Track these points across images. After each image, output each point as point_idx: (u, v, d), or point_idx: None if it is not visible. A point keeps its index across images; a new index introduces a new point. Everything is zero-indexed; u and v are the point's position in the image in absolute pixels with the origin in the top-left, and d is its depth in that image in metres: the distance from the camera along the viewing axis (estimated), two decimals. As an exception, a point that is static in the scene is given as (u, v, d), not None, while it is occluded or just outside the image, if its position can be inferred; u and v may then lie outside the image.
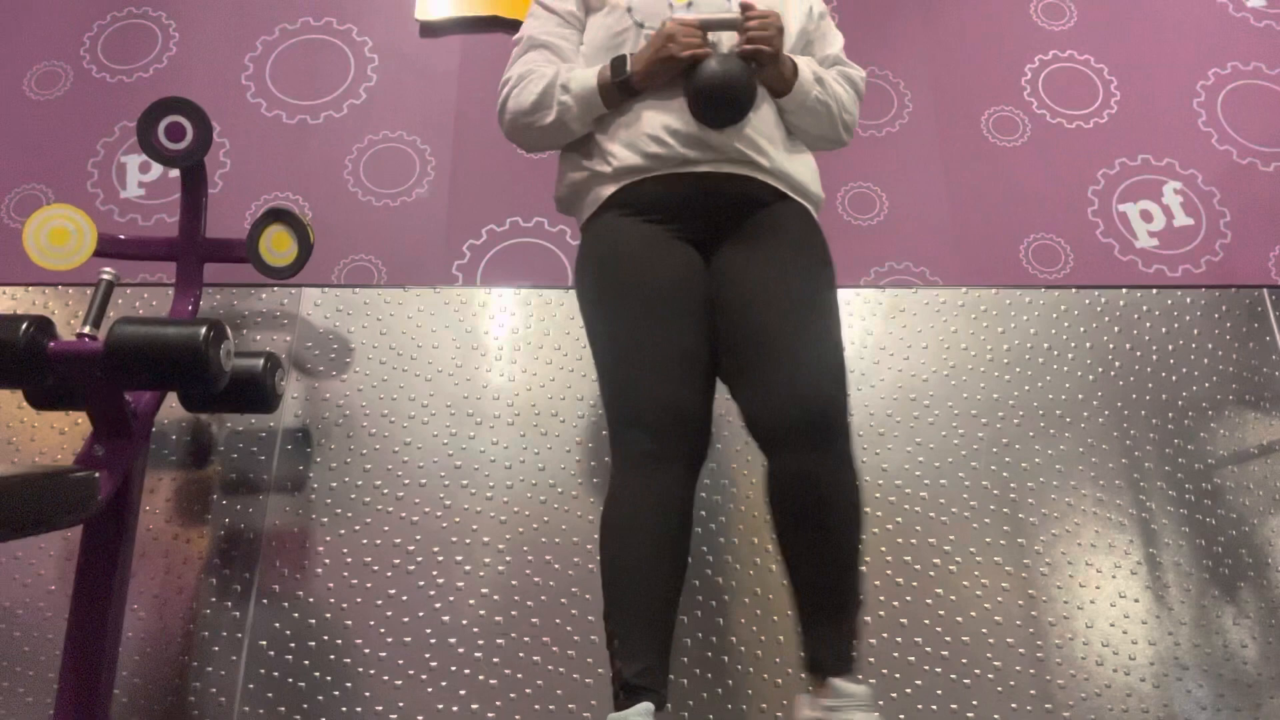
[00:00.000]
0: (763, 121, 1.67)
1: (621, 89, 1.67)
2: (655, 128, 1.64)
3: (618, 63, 1.66)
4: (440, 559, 2.02)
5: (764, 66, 1.65)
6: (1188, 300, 2.32)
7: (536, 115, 1.72)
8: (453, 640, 1.95)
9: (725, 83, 1.59)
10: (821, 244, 1.69)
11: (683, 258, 1.64)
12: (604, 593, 1.49)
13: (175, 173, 2.16)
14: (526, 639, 1.95)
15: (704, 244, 1.67)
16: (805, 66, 1.71)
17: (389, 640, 1.95)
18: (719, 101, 1.60)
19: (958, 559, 2.02)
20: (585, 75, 1.70)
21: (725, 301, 1.61)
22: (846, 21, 2.67)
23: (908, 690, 1.91)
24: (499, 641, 1.95)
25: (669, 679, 1.44)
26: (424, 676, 1.92)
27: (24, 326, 1.60)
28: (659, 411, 1.49)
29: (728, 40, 1.67)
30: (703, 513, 2.06)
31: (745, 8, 1.65)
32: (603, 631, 1.93)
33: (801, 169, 1.73)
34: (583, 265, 1.71)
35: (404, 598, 1.99)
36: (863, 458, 2.11)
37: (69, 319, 2.27)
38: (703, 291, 1.62)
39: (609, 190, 1.68)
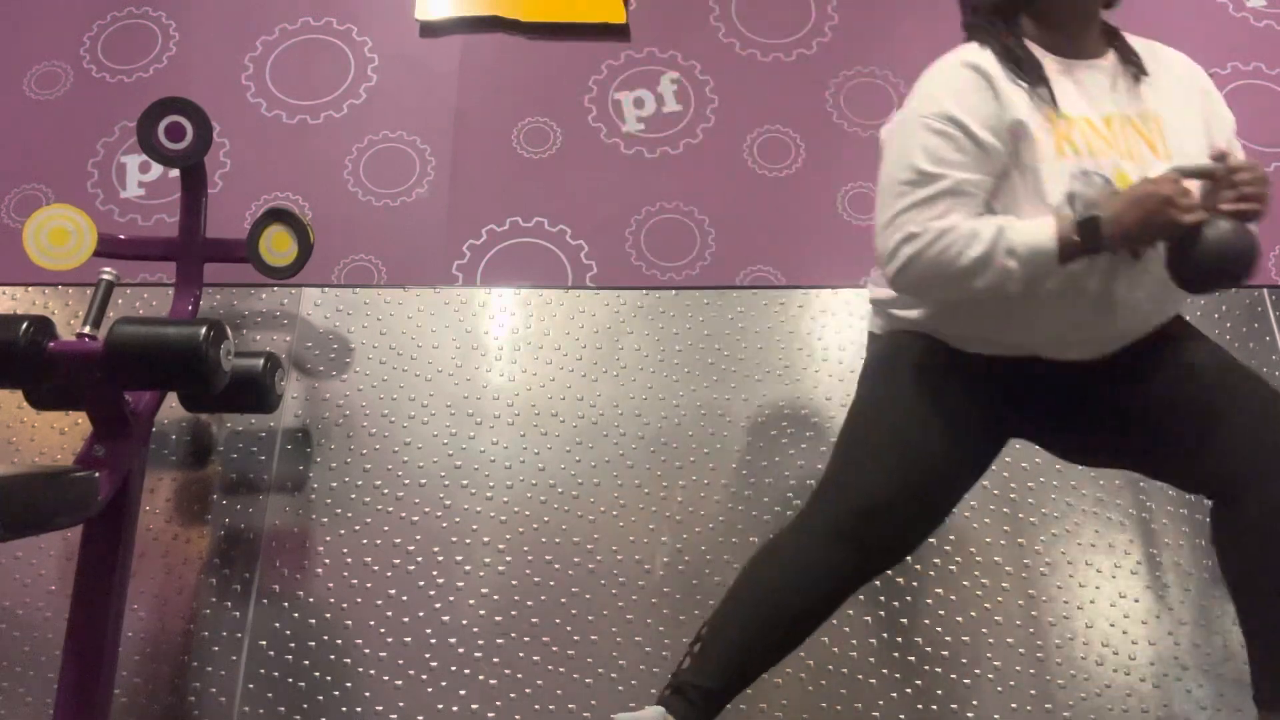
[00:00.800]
0: (1160, 281, 1.44)
1: (1084, 253, 1.39)
2: (1060, 327, 1.46)
3: (1088, 227, 1.36)
4: (440, 559, 2.02)
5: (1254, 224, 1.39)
6: (1188, 300, 2.31)
7: (971, 279, 1.40)
8: (453, 640, 1.95)
9: (1242, 255, 1.35)
10: (1191, 325, 1.59)
11: (991, 437, 1.54)
12: (723, 603, 1.46)
13: (175, 173, 2.16)
14: (526, 639, 1.95)
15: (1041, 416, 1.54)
16: None
17: (389, 640, 1.95)
18: (1224, 274, 1.37)
19: (958, 559, 2.02)
20: (1035, 236, 1.38)
21: (1156, 403, 1.49)
22: (847, 22, 2.67)
23: (908, 690, 1.91)
24: (499, 641, 1.95)
25: (718, 708, 1.41)
26: (424, 676, 1.92)
27: (24, 326, 1.60)
28: (876, 502, 1.44)
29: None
30: (702, 513, 2.06)
31: (1221, 155, 1.40)
32: (603, 631, 1.95)
33: (1176, 301, 1.55)
34: (890, 364, 1.57)
35: (404, 598, 1.99)
36: (863, 458, 2.11)
37: (69, 319, 2.27)
38: (990, 452, 1.56)
39: (958, 346, 1.52)
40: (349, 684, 1.92)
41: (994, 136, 1.42)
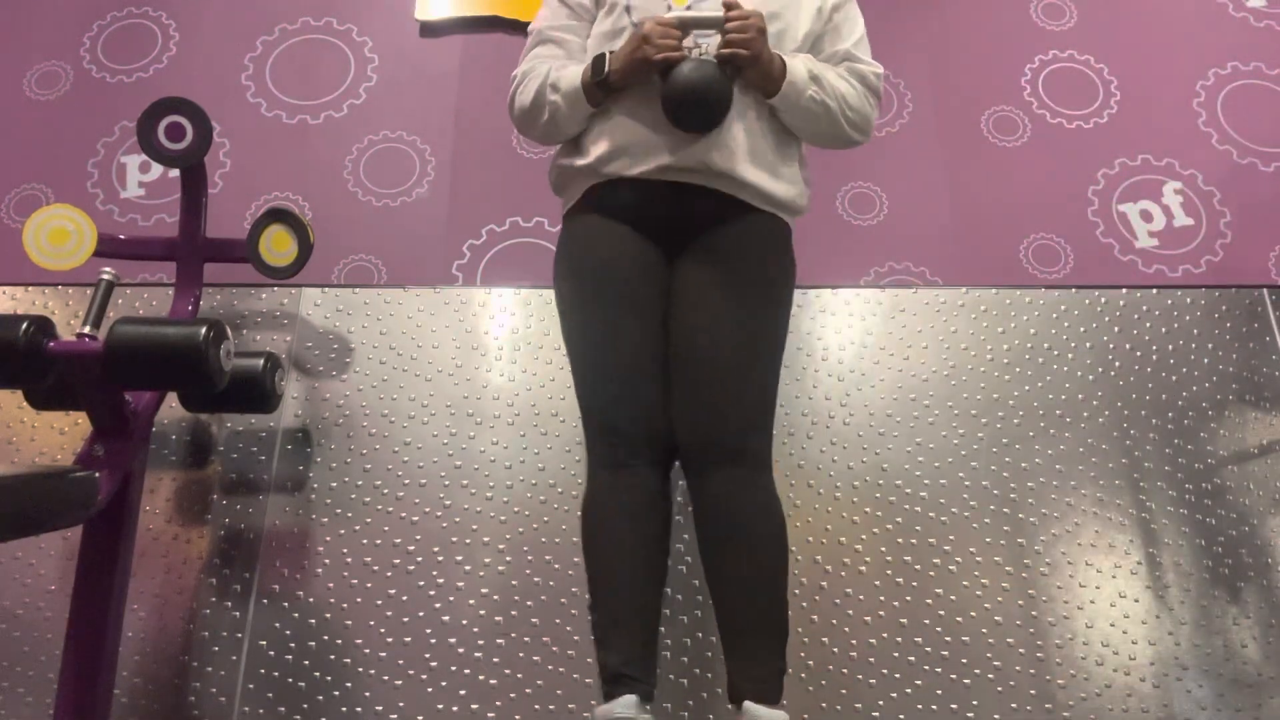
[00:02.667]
0: (743, 129, 1.63)
1: (602, 88, 1.64)
2: (633, 132, 1.62)
3: (598, 61, 1.63)
4: (440, 559, 2.02)
5: (742, 70, 1.61)
6: (1188, 300, 2.32)
7: (533, 114, 1.72)
8: (453, 640, 1.95)
9: (697, 88, 1.55)
10: (780, 265, 1.67)
11: (646, 257, 1.64)
12: (588, 587, 1.54)
13: (175, 173, 2.16)
14: (526, 639, 1.95)
15: (670, 247, 1.66)
16: (800, 65, 1.65)
17: (389, 640, 1.95)
18: (691, 107, 1.56)
19: (958, 559, 2.02)
20: (572, 74, 1.67)
21: (671, 322, 1.62)
22: (846, 21, 2.67)
23: (908, 690, 1.91)
24: (499, 641, 1.95)
25: (656, 670, 1.47)
26: (424, 676, 1.92)
27: (24, 326, 1.60)
28: (627, 421, 1.54)
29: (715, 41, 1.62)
30: (703, 513, 2.06)
31: (728, 6, 1.60)
32: (603, 631, 1.95)
33: (780, 180, 1.68)
34: (557, 261, 1.73)
35: (404, 598, 1.99)
36: (862, 458, 2.11)
37: (69, 319, 2.27)
38: (663, 290, 1.64)
39: (586, 185, 1.69)
40: (349, 684, 1.92)
41: None
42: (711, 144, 1.60)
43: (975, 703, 1.90)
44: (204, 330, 1.63)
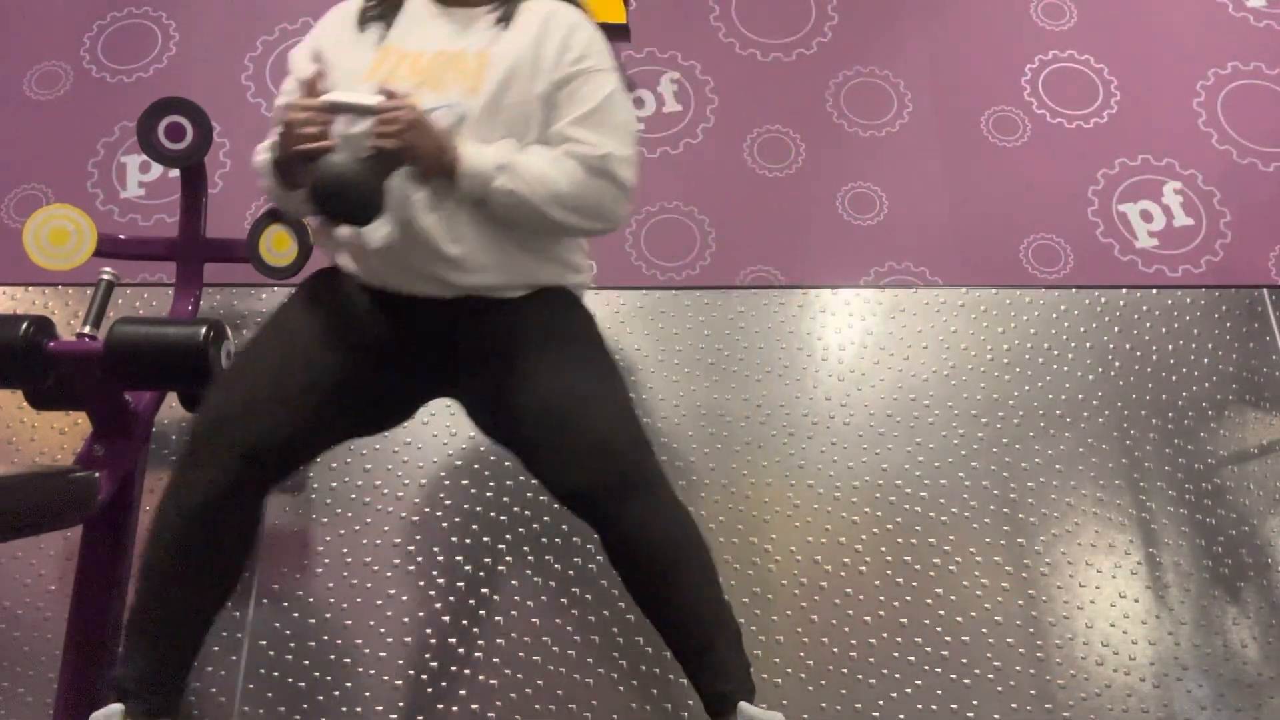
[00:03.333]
0: (456, 222, 1.47)
1: (286, 172, 1.50)
2: (347, 234, 1.50)
3: (272, 147, 1.50)
4: (440, 559, 2.02)
5: (394, 163, 1.43)
6: (1188, 300, 2.32)
7: (267, 192, 1.60)
8: (452, 640, 1.95)
9: (330, 186, 1.36)
10: (570, 318, 1.57)
11: (360, 354, 1.52)
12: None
13: (175, 173, 2.16)
14: (527, 639, 1.95)
15: (435, 359, 1.55)
16: (484, 155, 1.45)
17: (389, 640, 1.95)
18: (327, 205, 1.38)
19: (958, 559, 2.02)
20: (265, 158, 1.54)
21: (502, 421, 1.53)
22: (847, 22, 2.67)
23: (908, 690, 1.91)
24: (499, 642, 1.95)
25: (181, 687, 1.37)
26: (424, 676, 1.92)
27: (24, 326, 1.60)
28: (218, 418, 1.42)
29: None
30: (702, 513, 2.06)
31: (385, 94, 1.43)
32: (603, 631, 1.95)
33: (541, 264, 1.56)
34: (294, 292, 1.63)
35: (404, 598, 1.99)
36: (862, 458, 2.11)
37: (69, 319, 2.27)
38: (355, 390, 1.51)
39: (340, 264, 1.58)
40: (349, 684, 1.92)
41: (300, 64, 1.57)
42: (456, 264, 1.48)
43: (975, 703, 1.90)
44: (204, 330, 1.63)
